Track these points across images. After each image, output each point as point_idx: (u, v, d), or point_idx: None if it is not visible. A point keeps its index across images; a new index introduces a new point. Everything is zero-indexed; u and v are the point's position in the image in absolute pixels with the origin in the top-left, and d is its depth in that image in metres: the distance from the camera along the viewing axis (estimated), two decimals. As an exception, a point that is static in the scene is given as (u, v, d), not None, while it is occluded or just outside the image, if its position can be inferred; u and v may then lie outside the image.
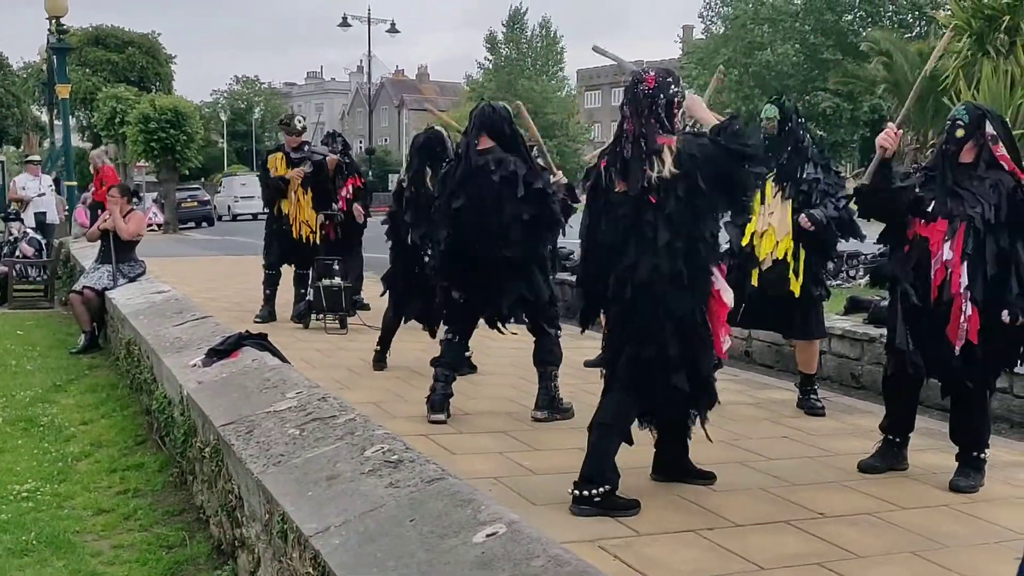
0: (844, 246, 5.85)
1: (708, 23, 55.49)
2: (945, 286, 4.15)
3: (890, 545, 3.59)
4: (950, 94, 9.60)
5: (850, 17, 49.34)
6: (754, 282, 5.37)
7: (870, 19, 48.02)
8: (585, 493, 3.71)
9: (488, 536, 2.55)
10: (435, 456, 3.72)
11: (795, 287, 5.34)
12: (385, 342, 6.67)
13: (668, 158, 3.73)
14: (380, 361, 6.65)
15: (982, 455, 4.37)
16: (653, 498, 3.99)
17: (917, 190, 4.30)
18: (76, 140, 30.37)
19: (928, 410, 6.15)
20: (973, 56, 9.06)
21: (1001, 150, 4.23)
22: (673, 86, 3.89)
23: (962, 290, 4.12)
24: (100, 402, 7.06)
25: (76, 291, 9.50)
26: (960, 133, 4.27)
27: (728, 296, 3.94)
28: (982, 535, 3.71)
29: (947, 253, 4.15)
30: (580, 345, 6.87)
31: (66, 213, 17.47)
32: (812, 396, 5.79)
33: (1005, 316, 4.10)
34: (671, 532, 3.60)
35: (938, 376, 4.47)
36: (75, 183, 18.84)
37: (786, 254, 5.34)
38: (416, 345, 6.88)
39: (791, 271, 5.35)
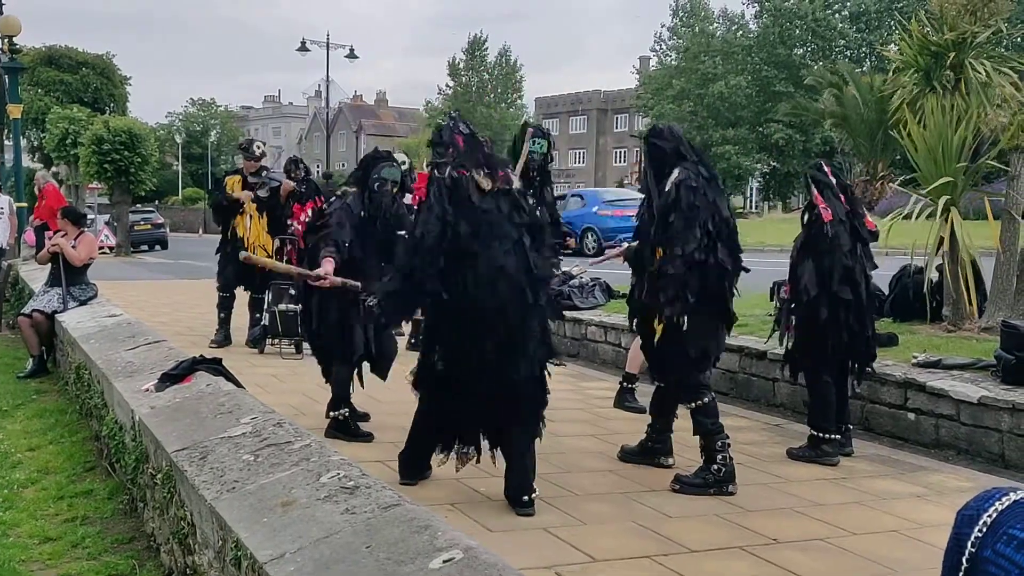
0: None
1: (661, 56, 56.50)
2: None
3: (841, 570, 3.64)
4: (898, 128, 9.85)
5: (802, 51, 50.44)
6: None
7: (822, 53, 49.16)
8: None
9: (445, 562, 2.54)
10: (391, 482, 3.71)
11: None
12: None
13: None
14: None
15: None
16: (608, 524, 4.02)
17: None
18: (26, 160, 29.88)
19: (878, 436, 6.27)
20: (920, 92, 9.30)
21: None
22: None
23: None
24: (48, 428, 6.93)
25: (25, 314, 9.33)
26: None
27: None
28: (929, 560, 3.77)
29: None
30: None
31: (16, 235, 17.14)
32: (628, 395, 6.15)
33: None
34: (626, 558, 3.62)
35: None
36: (25, 204, 18.53)
37: None
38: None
39: None
